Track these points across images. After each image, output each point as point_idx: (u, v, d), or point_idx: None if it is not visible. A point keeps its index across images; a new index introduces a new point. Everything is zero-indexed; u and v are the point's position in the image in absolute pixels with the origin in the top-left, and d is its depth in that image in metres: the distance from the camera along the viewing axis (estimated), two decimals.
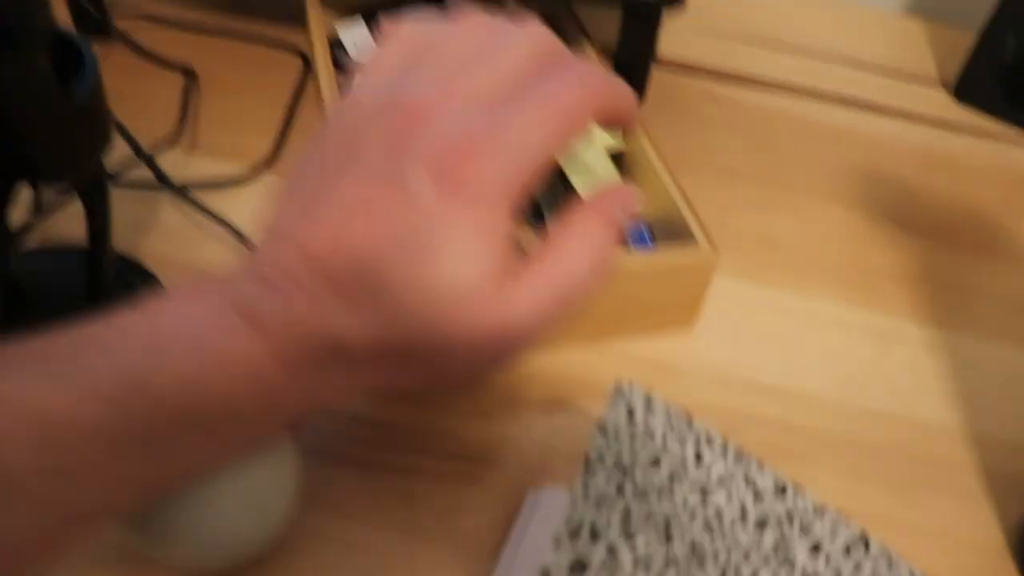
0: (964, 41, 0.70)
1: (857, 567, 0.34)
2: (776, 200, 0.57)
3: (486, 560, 0.37)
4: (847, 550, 0.35)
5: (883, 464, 0.45)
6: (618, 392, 0.34)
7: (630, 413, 0.33)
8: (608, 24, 0.58)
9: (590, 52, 0.57)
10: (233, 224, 0.48)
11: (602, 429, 0.32)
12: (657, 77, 0.65)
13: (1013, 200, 0.61)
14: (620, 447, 0.33)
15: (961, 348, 0.51)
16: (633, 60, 0.54)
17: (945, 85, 0.71)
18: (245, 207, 0.50)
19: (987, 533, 0.43)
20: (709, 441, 0.34)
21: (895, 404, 0.47)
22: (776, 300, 0.51)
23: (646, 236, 0.48)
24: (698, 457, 0.34)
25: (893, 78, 0.71)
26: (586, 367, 0.46)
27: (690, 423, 0.34)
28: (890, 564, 0.35)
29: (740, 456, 0.35)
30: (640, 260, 0.43)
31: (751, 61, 0.69)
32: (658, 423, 0.34)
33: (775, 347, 0.49)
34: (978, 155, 0.65)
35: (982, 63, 0.67)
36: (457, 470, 0.40)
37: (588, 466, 0.31)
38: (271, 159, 0.53)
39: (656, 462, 0.33)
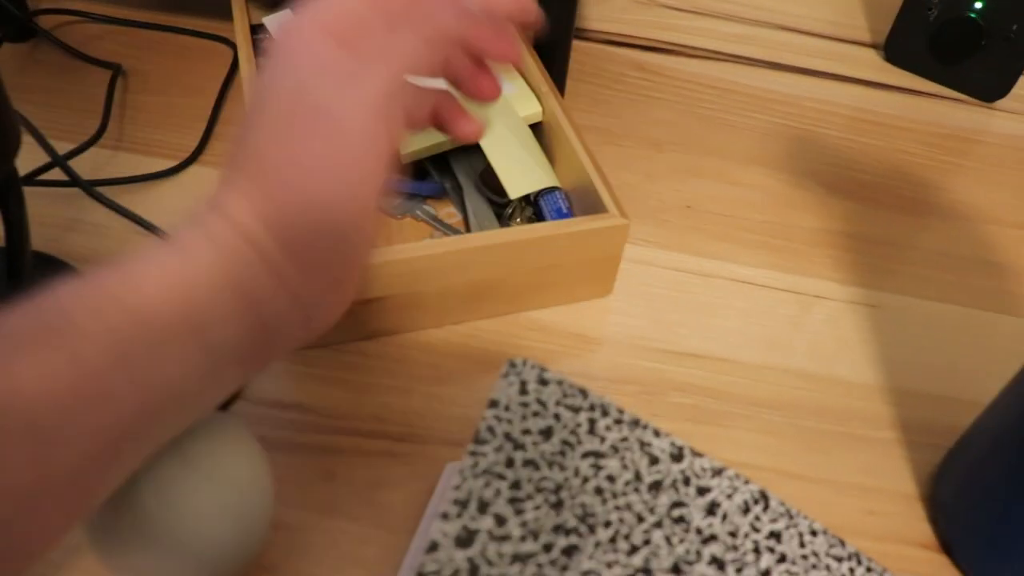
0: (896, 2, 0.70)
1: (755, 524, 0.35)
2: (702, 167, 0.58)
3: (406, 535, 0.38)
4: (745, 508, 0.36)
5: (803, 422, 0.46)
6: (511, 367, 0.35)
7: (523, 386, 0.34)
8: None
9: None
10: (147, 221, 0.49)
11: (493, 404, 0.33)
12: (585, 49, 0.65)
13: (938, 157, 0.62)
14: (511, 420, 0.33)
15: (883, 305, 0.52)
16: (553, 34, 0.55)
17: (877, 47, 0.72)
18: (171, 201, 0.51)
19: (903, 483, 0.45)
20: (604, 411, 0.35)
21: (815, 364, 0.48)
22: (698, 266, 0.52)
23: (564, 208, 0.49)
24: (592, 425, 0.34)
25: (826, 40, 0.71)
26: (505, 340, 0.46)
27: (585, 394, 0.35)
28: (790, 518, 0.36)
29: (636, 423, 0.35)
30: (551, 228, 0.44)
31: (679, 30, 0.70)
32: (551, 396, 0.35)
33: (696, 313, 0.50)
34: (907, 114, 0.65)
35: (908, 24, 0.68)
36: (378, 447, 0.41)
37: (478, 440, 0.32)
38: (198, 152, 0.54)
39: (547, 433, 0.33)
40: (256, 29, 0.57)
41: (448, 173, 0.52)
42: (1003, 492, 0.39)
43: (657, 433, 0.36)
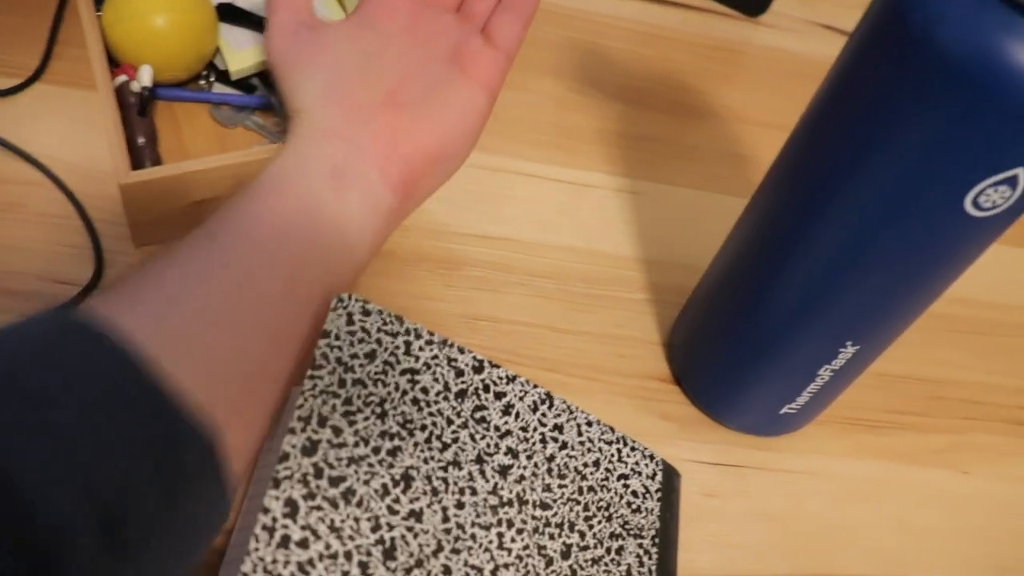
0: None
1: (542, 420, 0.44)
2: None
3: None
4: (534, 408, 0.44)
5: (571, 288, 0.57)
6: (339, 302, 0.40)
7: (349, 317, 0.40)
8: None
9: None
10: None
11: (325, 334, 0.39)
12: None
13: (704, 67, 0.73)
14: (341, 347, 0.40)
15: (642, 192, 0.63)
16: None
17: None
18: (19, 121, 0.56)
19: (649, 332, 0.56)
20: (417, 334, 0.42)
21: (583, 241, 0.59)
22: (491, 162, 0.61)
23: None
24: (407, 346, 0.41)
25: None
26: None
27: (401, 321, 0.42)
28: (570, 413, 0.45)
29: (444, 343, 0.42)
30: None
31: None
32: (373, 324, 0.41)
33: (487, 201, 0.59)
34: (682, 27, 0.75)
35: None
36: None
37: (314, 366, 0.38)
38: (40, 70, 0.59)
39: (371, 356, 0.40)
40: None
41: (273, 88, 0.59)
42: (710, 332, 0.51)
43: (462, 350, 0.43)
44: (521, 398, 0.44)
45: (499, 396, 0.43)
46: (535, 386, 0.44)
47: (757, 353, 0.48)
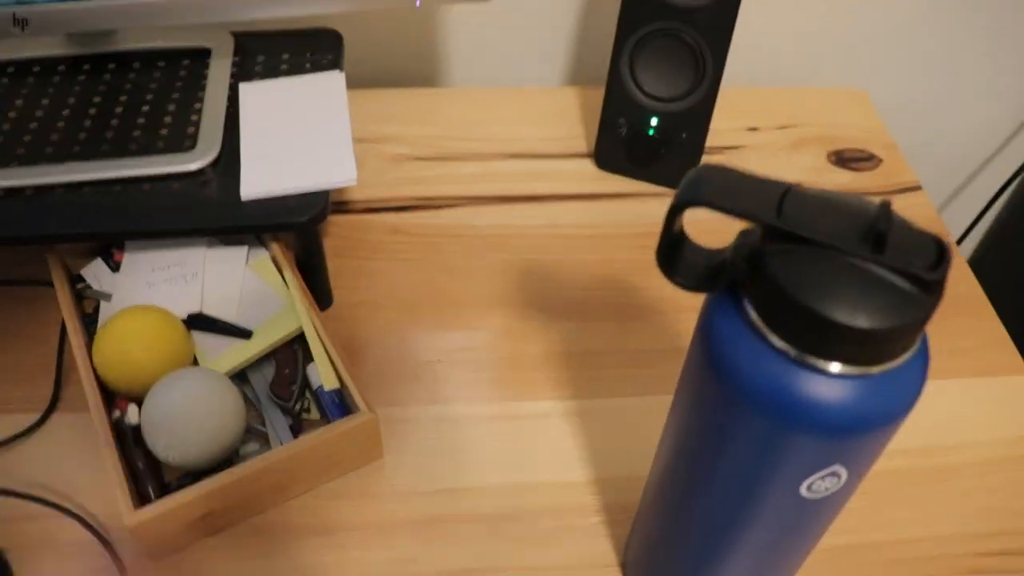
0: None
1: None
2: (449, 319, 0.74)
3: None
4: None
5: (530, 524, 0.63)
6: None
7: None
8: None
9: (278, 252, 0.72)
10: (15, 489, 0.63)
11: None
12: (347, 222, 0.80)
13: (641, 258, 0.79)
14: None
15: (588, 412, 0.69)
16: (309, 262, 0.71)
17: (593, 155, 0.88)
18: (42, 457, 0.65)
19: (607, 555, 0.62)
20: None
21: (539, 474, 0.65)
22: (448, 412, 0.68)
23: (336, 400, 0.65)
24: None
25: (551, 159, 0.87)
26: (308, 512, 0.62)
27: None
28: None
29: None
30: (324, 433, 0.60)
31: (427, 181, 0.84)
32: None
33: (451, 454, 0.66)
34: (616, 219, 0.82)
35: (608, 139, 0.84)
36: None
37: None
38: (53, 402, 0.68)
39: None
40: (78, 279, 0.71)
41: (248, 385, 0.68)
42: (652, 549, 0.56)
43: None
44: None
45: None
46: None
47: (692, 569, 0.53)
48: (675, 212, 0.40)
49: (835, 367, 0.37)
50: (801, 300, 0.36)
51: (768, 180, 0.39)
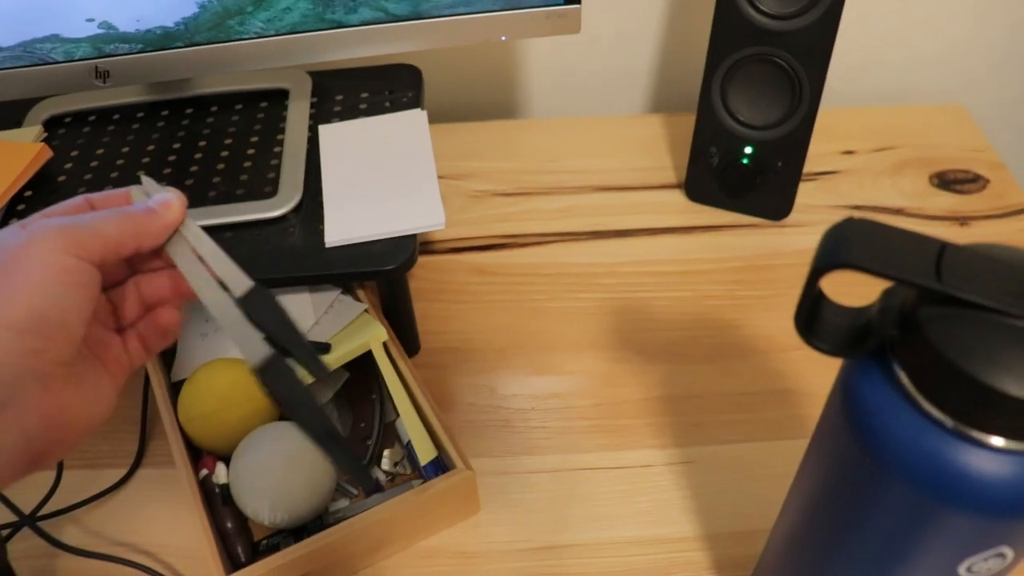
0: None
1: None
2: (540, 363, 0.71)
3: None
4: None
5: None
6: None
7: None
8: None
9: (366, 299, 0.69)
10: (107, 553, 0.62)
11: None
12: (432, 263, 0.78)
13: (737, 293, 0.75)
14: None
15: (694, 460, 0.65)
16: (396, 307, 0.68)
17: (683, 186, 0.84)
18: (129, 512, 0.64)
19: None
20: None
21: (643, 529, 0.62)
22: (544, 464, 0.65)
23: (432, 463, 0.62)
24: None
25: (640, 191, 0.84)
26: (403, 572, 0.60)
27: None
28: None
29: None
30: (420, 492, 0.57)
31: (511, 218, 0.82)
32: None
33: (547, 509, 0.62)
34: (709, 254, 0.78)
35: (699, 169, 0.81)
36: None
37: None
38: (139, 457, 0.67)
39: None
40: None
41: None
42: None
43: None
44: None
45: None
46: None
47: None
48: (817, 275, 0.36)
49: (998, 441, 0.34)
50: (964, 368, 0.33)
51: (918, 236, 0.36)
